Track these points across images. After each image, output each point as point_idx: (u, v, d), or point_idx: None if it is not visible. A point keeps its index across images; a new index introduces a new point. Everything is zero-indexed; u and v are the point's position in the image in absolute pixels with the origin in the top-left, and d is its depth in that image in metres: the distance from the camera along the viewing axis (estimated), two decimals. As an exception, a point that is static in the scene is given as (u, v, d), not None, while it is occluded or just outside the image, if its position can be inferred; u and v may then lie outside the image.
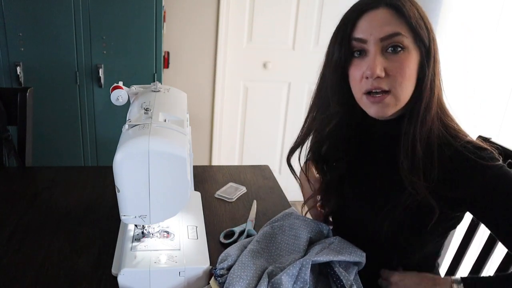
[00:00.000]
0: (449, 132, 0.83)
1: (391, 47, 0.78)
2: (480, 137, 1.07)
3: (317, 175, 1.04)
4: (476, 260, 1.07)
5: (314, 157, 0.99)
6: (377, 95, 0.80)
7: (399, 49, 0.78)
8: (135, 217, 0.83)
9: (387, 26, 0.78)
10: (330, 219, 1.07)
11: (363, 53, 0.81)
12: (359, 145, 0.94)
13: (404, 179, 0.82)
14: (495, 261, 1.03)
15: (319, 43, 2.70)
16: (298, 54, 2.71)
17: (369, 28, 0.79)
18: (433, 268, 0.99)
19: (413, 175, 0.81)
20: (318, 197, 1.03)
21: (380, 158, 0.91)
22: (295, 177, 1.03)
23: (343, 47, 0.82)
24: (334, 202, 0.98)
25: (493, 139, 1.05)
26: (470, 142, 0.82)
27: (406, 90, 0.80)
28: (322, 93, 0.90)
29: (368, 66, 0.79)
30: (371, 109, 0.82)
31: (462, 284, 0.81)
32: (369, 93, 0.81)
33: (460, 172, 0.80)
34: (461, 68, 1.97)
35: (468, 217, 1.10)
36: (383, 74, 0.78)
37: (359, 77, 0.81)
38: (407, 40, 0.78)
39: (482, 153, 0.80)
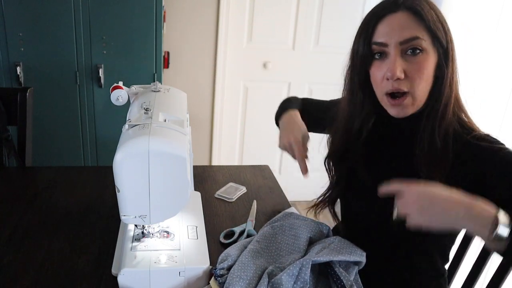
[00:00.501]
0: (461, 125, 0.87)
1: (410, 49, 0.82)
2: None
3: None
4: (476, 260, 1.07)
5: (336, 152, 1.01)
6: (397, 98, 0.85)
7: (418, 51, 0.82)
8: (135, 217, 0.83)
9: (406, 30, 0.81)
10: (335, 219, 1.07)
11: (383, 55, 0.85)
12: (378, 136, 0.96)
13: (420, 171, 0.85)
14: (495, 261, 1.03)
15: (319, 43, 2.70)
16: (298, 54, 2.71)
17: (389, 32, 0.82)
18: (444, 273, 1.00)
19: (429, 168, 0.84)
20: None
21: (397, 149, 0.94)
22: (329, 176, 1.05)
23: (365, 49, 0.86)
24: (342, 186, 1.01)
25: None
26: (479, 133, 0.86)
27: (423, 90, 0.84)
28: (354, 93, 0.93)
29: (389, 68, 0.83)
30: (392, 110, 0.87)
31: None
32: (389, 94, 0.85)
33: (471, 160, 0.83)
34: (461, 68, 1.97)
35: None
36: (402, 76, 0.82)
37: (380, 78, 0.86)
38: (425, 43, 0.82)
39: (490, 139, 0.84)
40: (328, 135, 1.05)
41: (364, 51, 0.86)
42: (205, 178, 1.33)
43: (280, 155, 2.93)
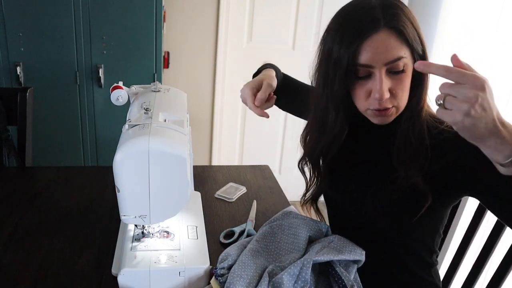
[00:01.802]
0: (432, 116, 0.89)
1: (394, 68, 0.82)
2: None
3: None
4: (476, 260, 1.07)
5: (311, 156, 1.00)
6: (382, 111, 0.84)
7: (401, 69, 0.82)
8: (135, 217, 0.83)
9: (390, 52, 0.80)
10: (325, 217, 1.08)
11: (367, 74, 0.83)
12: (355, 135, 0.96)
13: (398, 169, 0.87)
14: (495, 262, 1.04)
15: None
16: (298, 54, 2.71)
17: (374, 55, 0.80)
18: (432, 264, 1.00)
19: (406, 167, 0.86)
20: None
21: (374, 149, 0.96)
22: (305, 178, 1.03)
23: (348, 71, 0.82)
24: (327, 184, 1.01)
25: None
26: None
27: (405, 100, 0.86)
28: (327, 107, 0.89)
29: (377, 90, 0.81)
30: (375, 120, 0.87)
31: None
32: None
33: (448, 148, 0.84)
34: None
35: (468, 217, 1.10)
36: (389, 95, 0.82)
37: (365, 96, 0.85)
38: (407, 59, 0.82)
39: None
40: (301, 135, 1.02)
41: (346, 75, 0.83)
42: (205, 178, 1.33)
43: (280, 155, 2.93)
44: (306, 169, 1.02)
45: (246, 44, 2.65)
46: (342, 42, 0.82)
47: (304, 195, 1.05)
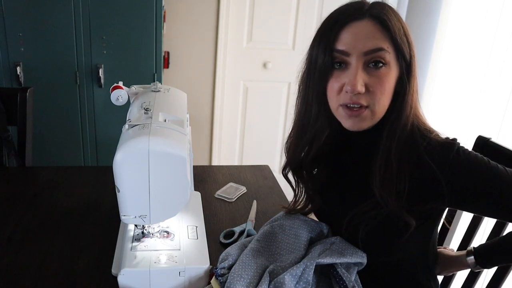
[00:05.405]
0: (417, 137, 0.82)
1: (373, 62, 0.78)
2: (480, 137, 1.07)
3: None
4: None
5: (294, 167, 0.96)
6: (354, 109, 0.79)
7: (381, 64, 0.78)
8: (135, 217, 0.83)
9: (370, 40, 0.77)
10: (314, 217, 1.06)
11: (344, 65, 0.80)
12: (338, 152, 0.93)
13: (376, 193, 0.82)
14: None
15: (319, 43, 2.70)
16: (298, 54, 2.70)
17: (353, 41, 0.77)
18: (427, 266, 0.97)
19: (384, 191, 0.80)
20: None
21: (356, 166, 0.91)
22: (292, 187, 0.99)
23: (326, 56, 0.80)
24: (317, 203, 0.97)
25: (493, 139, 1.05)
26: (428, 138, 0.82)
27: (383, 105, 0.80)
28: (308, 104, 0.87)
29: (349, 81, 0.77)
30: (347, 122, 0.82)
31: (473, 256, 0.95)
32: (346, 105, 0.80)
33: (428, 179, 0.80)
34: (461, 68, 1.97)
35: (468, 216, 1.10)
36: (363, 90, 0.77)
37: (338, 89, 0.80)
38: (389, 56, 0.78)
39: (443, 147, 0.80)
40: (284, 145, 0.99)
41: (324, 61, 0.79)
42: (205, 178, 1.33)
43: (280, 155, 2.93)
44: (291, 177, 0.98)
45: (246, 44, 2.65)
46: (325, 29, 0.81)
47: (293, 208, 0.99)
